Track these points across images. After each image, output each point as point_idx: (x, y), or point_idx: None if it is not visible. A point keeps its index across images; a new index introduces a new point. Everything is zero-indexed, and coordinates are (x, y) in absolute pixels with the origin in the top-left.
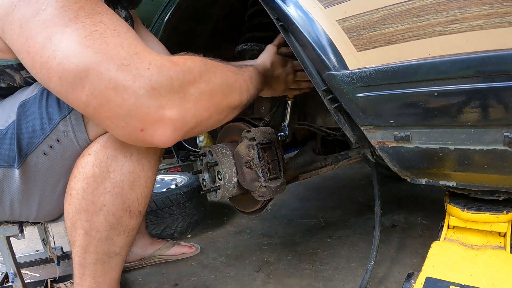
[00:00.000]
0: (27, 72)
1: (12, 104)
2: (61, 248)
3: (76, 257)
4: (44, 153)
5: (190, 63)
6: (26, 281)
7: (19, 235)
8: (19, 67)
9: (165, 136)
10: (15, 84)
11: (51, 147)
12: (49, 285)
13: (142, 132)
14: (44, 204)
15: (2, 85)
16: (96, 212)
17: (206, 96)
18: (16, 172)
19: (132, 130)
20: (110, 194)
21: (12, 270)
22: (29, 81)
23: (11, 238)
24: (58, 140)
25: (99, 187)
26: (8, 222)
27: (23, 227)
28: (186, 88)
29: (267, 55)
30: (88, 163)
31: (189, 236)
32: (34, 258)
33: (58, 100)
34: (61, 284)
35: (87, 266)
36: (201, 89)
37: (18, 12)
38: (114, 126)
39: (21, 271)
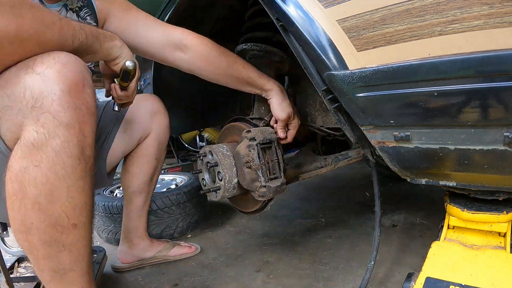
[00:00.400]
0: None
1: None
2: None
3: (36, 274)
4: None
5: None
6: (27, 274)
7: (4, 233)
8: None
9: None
10: None
11: None
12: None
13: None
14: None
15: None
16: (27, 231)
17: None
18: None
19: None
20: (32, 211)
21: None
22: None
23: None
24: None
25: (21, 205)
26: None
27: (7, 225)
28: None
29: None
30: (8, 179)
31: (189, 236)
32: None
33: None
34: None
35: (47, 283)
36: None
37: None
38: None
39: (23, 264)
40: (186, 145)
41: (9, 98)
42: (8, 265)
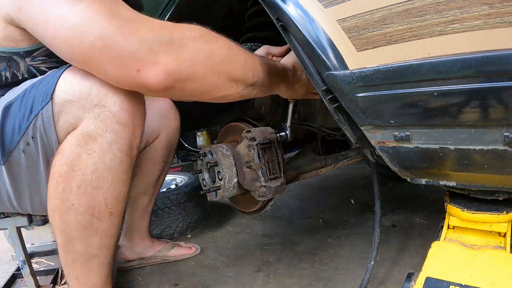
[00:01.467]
0: (32, 60)
1: (1, 104)
2: None
3: (60, 256)
4: (23, 151)
5: (193, 25)
6: (41, 269)
7: (28, 226)
8: (25, 54)
9: (158, 77)
10: (18, 73)
11: (28, 144)
12: (59, 273)
13: (138, 73)
14: (34, 199)
15: (7, 74)
16: (66, 211)
17: (204, 53)
18: (3, 168)
19: (129, 71)
20: (75, 194)
21: (21, 258)
22: (32, 70)
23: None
24: (33, 138)
25: (67, 186)
26: (18, 213)
27: (33, 218)
28: (185, 42)
29: (291, 57)
30: (57, 162)
31: (189, 236)
32: (51, 248)
33: (34, 97)
34: None
35: (69, 266)
36: (200, 46)
37: None
38: (113, 67)
39: (39, 259)
40: (186, 145)
41: (74, 94)
42: None
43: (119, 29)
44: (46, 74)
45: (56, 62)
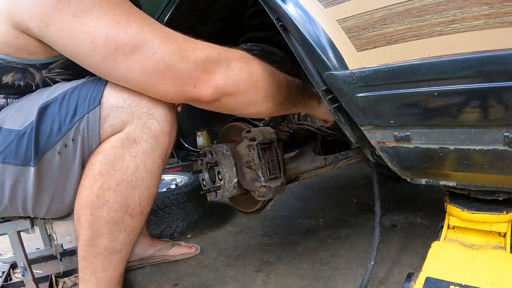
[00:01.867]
0: (48, 72)
1: (30, 105)
2: (61, 245)
3: (80, 250)
4: (59, 152)
5: (234, 49)
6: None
7: (30, 229)
8: (42, 66)
9: (209, 92)
10: (32, 83)
11: (65, 145)
12: (53, 280)
13: (194, 88)
14: (55, 202)
15: (21, 83)
16: (99, 206)
17: (245, 72)
18: (32, 170)
19: (187, 87)
20: (113, 191)
21: (22, 264)
22: (47, 81)
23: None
24: (73, 139)
25: (105, 183)
26: (20, 217)
27: (34, 222)
28: (230, 62)
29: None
30: (98, 161)
31: (189, 236)
32: (36, 256)
33: (77, 101)
34: (65, 279)
35: (88, 260)
36: (242, 66)
37: (70, 4)
38: (174, 86)
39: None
40: (186, 145)
41: (125, 101)
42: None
43: (177, 52)
44: (85, 79)
45: (71, 74)
